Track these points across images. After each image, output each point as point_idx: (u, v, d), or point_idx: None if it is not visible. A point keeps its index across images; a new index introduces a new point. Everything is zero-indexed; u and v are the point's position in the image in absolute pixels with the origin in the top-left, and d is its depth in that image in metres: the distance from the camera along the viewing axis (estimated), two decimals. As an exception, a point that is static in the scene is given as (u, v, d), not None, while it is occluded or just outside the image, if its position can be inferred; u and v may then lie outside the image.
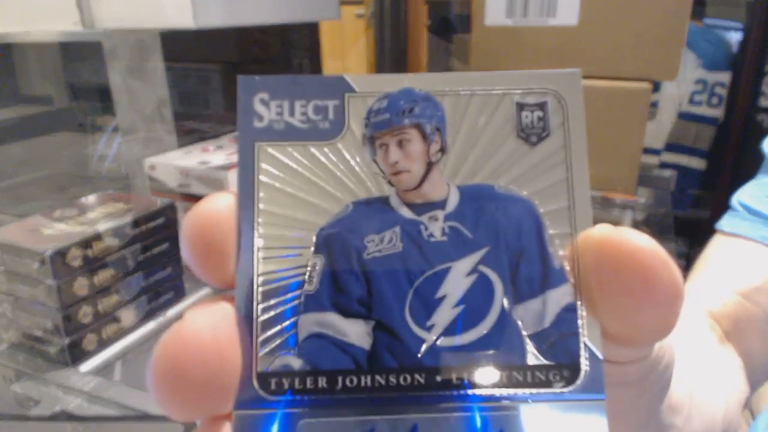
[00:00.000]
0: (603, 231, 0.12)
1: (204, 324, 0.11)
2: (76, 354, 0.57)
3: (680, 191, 1.51)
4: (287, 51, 1.11)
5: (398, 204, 0.12)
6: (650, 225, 0.95)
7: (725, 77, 1.48)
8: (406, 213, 0.12)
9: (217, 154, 0.75)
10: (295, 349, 0.12)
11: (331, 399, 0.11)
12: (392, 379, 0.12)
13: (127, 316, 0.62)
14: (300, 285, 0.12)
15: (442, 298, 0.12)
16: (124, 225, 0.60)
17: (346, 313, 0.12)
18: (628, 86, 0.87)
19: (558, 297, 0.12)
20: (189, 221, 0.12)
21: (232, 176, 0.69)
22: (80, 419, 0.50)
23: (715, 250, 0.38)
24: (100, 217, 0.61)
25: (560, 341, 0.12)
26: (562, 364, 0.12)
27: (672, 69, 0.85)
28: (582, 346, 0.12)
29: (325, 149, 0.13)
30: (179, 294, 0.68)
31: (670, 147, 1.57)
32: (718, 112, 1.51)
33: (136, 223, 0.61)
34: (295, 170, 0.13)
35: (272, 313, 0.12)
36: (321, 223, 0.12)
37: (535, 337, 0.12)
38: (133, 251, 0.61)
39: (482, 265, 0.12)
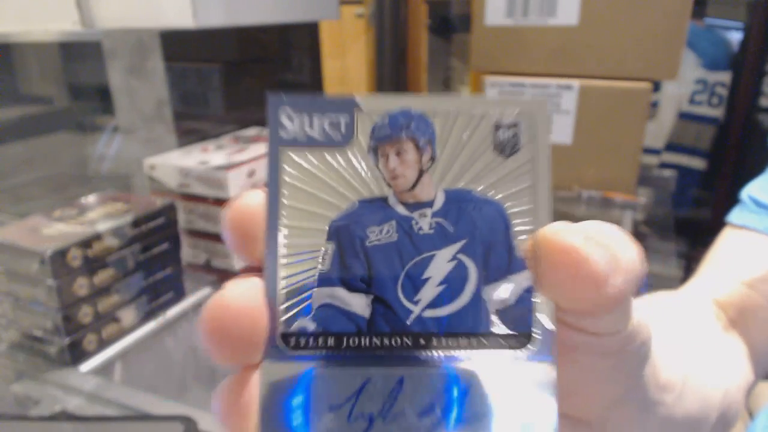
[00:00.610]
0: (550, 228, 0.15)
1: (239, 293, 0.14)
2: (76, 354, 0.57)
3: (680, 191, 1.50)
4: (287, 51, 1.11)
5: (395, 202, 0.15)
6: (650, 225, 0.95)
7: (725, 77, 1.48)
8: (401, 210, 0.15)
9: (217, 154, 0.75)
10: (310, 316, 0.15)
11: (338, 355, 0.14)
12: (386, 341, 0.15)
13: (127, 316, 0.62)
14: (314, 265, 0.15)
15: (427, 279, 0.15)
16: (123, 225, 0.60)
17: (351, 289, 0.15)
18: (628, 86, 0.86)
19: (519, 280, 0.15)
20: (229, 213, 0.15)
21: (232, 176, 0.69)
22: (80, 419, 0.50)
23: (722, 241, 0.39)
24: (100, 217, 0.60)
25: (520, 315, 0.15)
26: (520, 333, 0.15)
27: (672, 69, 0.85)
28: (536, 319, 0.15)
29: (337, 156, 0.15)
30: (179, 294, 0.68)
31: (671, 147, 1.57)
32: (718, 112, 1.51)
33: (135, 223, 0.61)
34: (313, 173, 0.15)
35: (292, 286, 0.15)
36: (332, 217, 0.15)
37: (500, 312, 0.15)
38: (132, 251, 0.61)
39: (461, 253, 0.15)
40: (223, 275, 0.73)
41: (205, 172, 0.70)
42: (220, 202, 0.70)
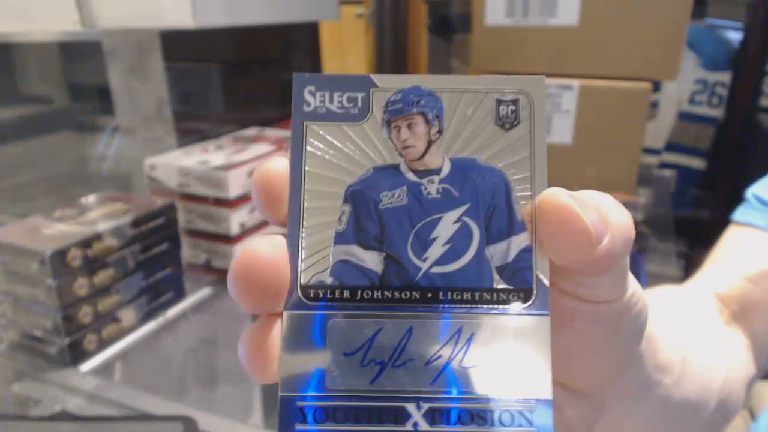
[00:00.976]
0: (548, 191, 0.16)
1: (264, 246, 0.16)
2: (76, 354, 0.57)
3: (680, 191, 1.51)
4: (287, 51, 1.11)
5: (406, 170, 0.17)
6: (650, 225, 0.95)
7: (725, 77, 1.48)
8: (412, 177, 0.17)
9: (217, 154, 0.75)
10: (328, 270, 0.16)
11: (353, 306, 0.16)
12: (396, 294, 0.16)
13: (127, 316, 0.62)
14: (332, 225, 0.16)
15: (434, 239, 0.16)
16: (123, 225, 0.60)
17: (365, 246, 0.16)
18: (628, 86, 0.87)
19: (519, 241, 0.16)
20: (256, 175, 0.16)
21: (233, 176, 0.69)
22: (80, 419, 0.50)
23: (726, 238, 0.40)
24: (100, 217, 0.61)
25: (519, 272, 0.16)
26: (519, 289, 0.16)
27: (673, 69, 0.85)
28: (534, 276, 0.16)
29: (354, 128, 0.17)
30: (179, 294, 0.68)
31: (670, 147, 1.57)
32: (718, 112, 1.51)
33: (135, 223, 0.61)
34: (332, 143, 0.17)
35: (312, 243, 0.16)
36: (349, 182, 0.17)
37: (501, 269, 0.16)
38: (132, 251, 0.61)
39: (465, 216, 0.16)
40: (223, 275, 0.73)
41: (205, 172, 0.70)
42: (220, 202, 0.70)
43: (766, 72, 1.43)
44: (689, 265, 1.36)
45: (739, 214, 0.40)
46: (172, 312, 0.67)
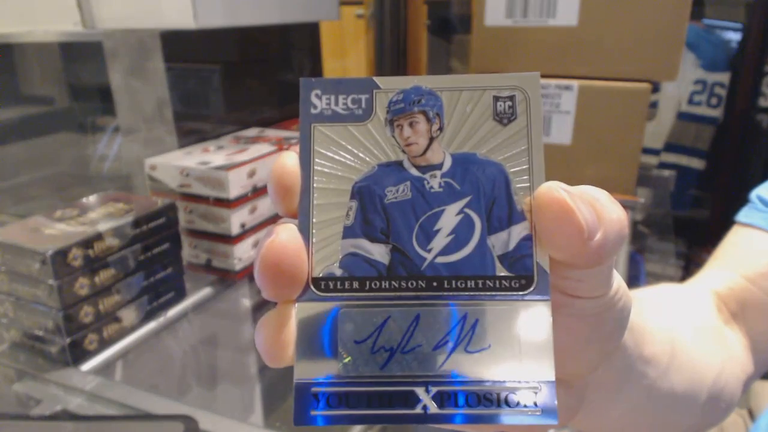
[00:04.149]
0: (545, 185, 0.16)
1: (290, 236, 0.16)
2: (77, 354, 0.57)
3: (679, 191, 1.51)
4: (287, 51, 1.11)
5: (409, 166, 0.18)
6: (650, 225, 0.95)
7: (724, 77, 1.48)
8: (415, 172, 0.18)
9: (218, 155, 0.75)
10: (337, 263, 0.17)
11: (362, 296, 0.17)
12: (403, 284, 0.17)
13: (128, 315, 0.62)
14: (340, 220, 0.17)
15: (438, 230, 0.17)
16: (124, 225, 0.60)
17: (372, 240, 0.17)
18: (627, 86, 0.87)
19: (519, 230, 0.17)
20: (272, 172, 0.17)
21: (233, 176, 0.69)
22: (81, 419, 0.51)
23: (729, 238, 0.41)
24: (101, 218, 0.61)
25: (520, 260, 0.17)
26: (520, 275, 0.17)
27: (672, 70, 0.85)
28: (534, 263, 0.17)
29: (359, 128, 0.18)
30: (180, 294, 0.69)
31: (670, 147, 1.57)
32: (717, 113, 1.51)
33: (136, 223, 0.61)
34: (339, 142, 0.18)
35: (322, 238, 0.17)
36: (356, 179, 0.17)
37: (502, 257, 0.17)
38: (133, 251, 0.61)
39: (467, 208, 0.17)
40: (223, 275, 0.73)
41: (205, 172, 0.70)
42: (221, 202, 0.70)
43: (765, 72, 1.43)
44: (688, 264, 1.36)
45: (743, 215, 0.40)
46: (173, 312, 0.67)
